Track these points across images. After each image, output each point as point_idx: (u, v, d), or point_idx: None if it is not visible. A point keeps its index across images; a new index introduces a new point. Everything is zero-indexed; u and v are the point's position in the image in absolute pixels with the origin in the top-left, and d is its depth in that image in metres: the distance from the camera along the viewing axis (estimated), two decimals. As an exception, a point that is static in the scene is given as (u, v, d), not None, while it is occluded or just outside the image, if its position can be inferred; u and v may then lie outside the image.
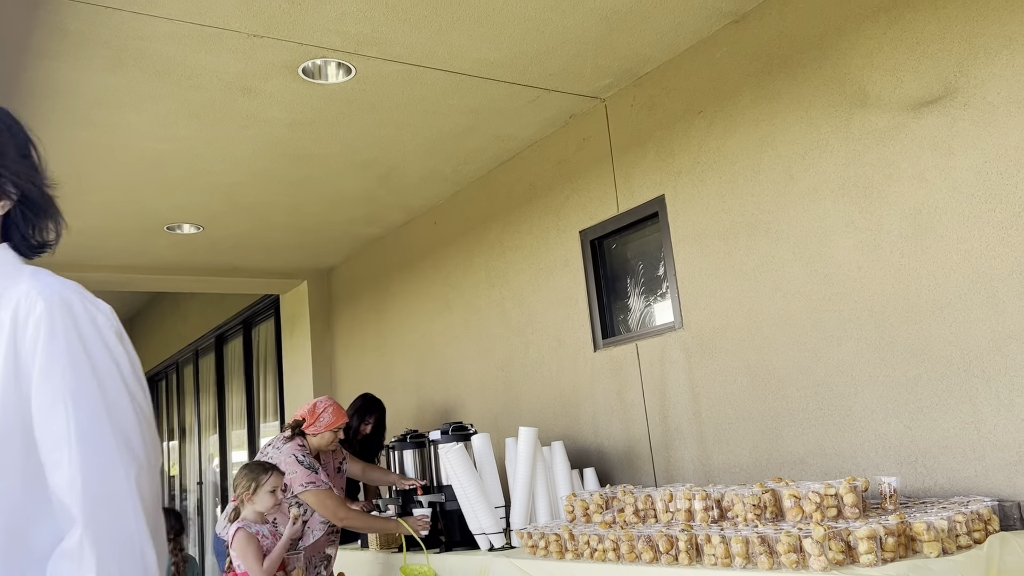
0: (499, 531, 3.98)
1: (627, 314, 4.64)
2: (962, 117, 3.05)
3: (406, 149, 5.07)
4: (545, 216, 5.07)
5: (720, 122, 3.97)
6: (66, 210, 5.34)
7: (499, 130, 4.92)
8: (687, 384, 4.10)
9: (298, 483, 4.04)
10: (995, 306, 2.94)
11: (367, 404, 5.55)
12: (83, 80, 3.88)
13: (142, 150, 4.72)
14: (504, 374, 5.40)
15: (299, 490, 4.04)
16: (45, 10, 3.31)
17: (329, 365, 7.74)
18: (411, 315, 6.47)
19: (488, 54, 3.99)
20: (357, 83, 4.15)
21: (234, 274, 7.62)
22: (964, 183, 3.04)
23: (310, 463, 4.10)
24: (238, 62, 3.84)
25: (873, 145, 3.33)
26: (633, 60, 4.21)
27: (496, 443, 4.94)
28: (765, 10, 3.77)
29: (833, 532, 2.61)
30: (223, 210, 5.89)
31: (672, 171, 4.22)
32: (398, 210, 6.24)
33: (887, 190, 3.27)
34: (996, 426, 2.94)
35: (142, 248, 6.63)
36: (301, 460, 4.08)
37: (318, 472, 4.09)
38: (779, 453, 3.66)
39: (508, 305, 5.37)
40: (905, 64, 3.22)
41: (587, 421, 4.71)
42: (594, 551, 3.31)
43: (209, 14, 3.44)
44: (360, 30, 3.67)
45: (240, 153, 4.90)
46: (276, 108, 4.35)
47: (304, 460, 4.09)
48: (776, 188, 3.70)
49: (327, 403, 4.28)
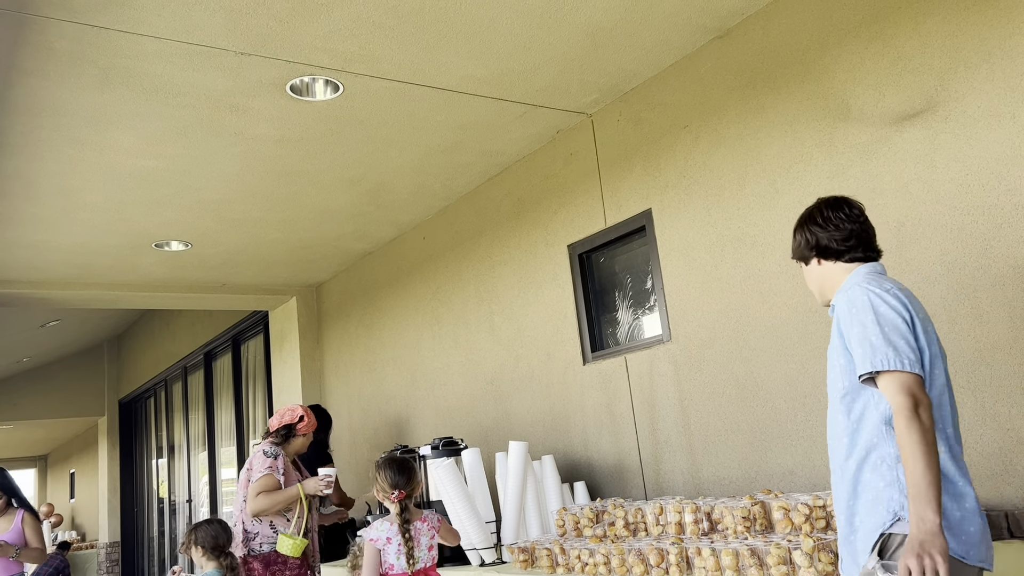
0: (490, 546, 3.97)
1: (616, 327, 4.66)
2: (944, 130, 3.09)
3: (395, 165, 5.08)
4: (533, 230, 5.09)
5: (706, 136, 4.01)
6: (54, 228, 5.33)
7: (487, 145, 4.94)
8: (676, 397, 4.11)
9: (257, 470, 4.37)
10: (979, 316, 2.97)
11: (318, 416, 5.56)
12: (71, 98, 3.89)
13: (130, 168, 4.73)
14: (494, 388, 5.40)
15: (256, 476, 4.34)
16: (32, 29, 3.32)
17: (318, 381, 7.72)
18: (400, 330, 6.47)
19: (475, 70, 4.02)
20: (345, 100, 4.17)
21: (223, 290, 7.60)
22: (946, 195, 3.08)
23: (274, 453, 4.44)
24: (226, 80, 3.86)
25: (856, 158, 3.36)
26: (619, 76, 4.24)
27: (486, 458, 4.94)
28: (749, 26, 3.81)
29: (822, 544, 2.62)
30: (211, 227, 5.89)
31: (659, 185, 4.25)
32: (387, 225, 6.25)
33: (871, 203, 3.31)
34: (982, 436, 2.96)
35: (131, 265, 6.62)
36: (266, 451, 4.45)
37: (277, 459, 4.42)
38: (768, 465, 3.67)
39: (497, 319, 5.38)
40: (887, 78, 3.26)
41: (577, 435, 4.71)
42: (585, 565, 3.31)
43: (197, 32, 3.45)
44: (348, 47, 3.69)
45: (228, 170, 4.90)
46: (264, 125, 4.36)
47: (269, 451, 4.44)
48: (762, 201, 3.73)
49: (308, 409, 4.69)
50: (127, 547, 13.17)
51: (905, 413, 1.96)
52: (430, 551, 3.42)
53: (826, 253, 2.33)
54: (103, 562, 12.97)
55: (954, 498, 2.03)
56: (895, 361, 2.01)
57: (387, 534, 3.33)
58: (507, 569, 3.75)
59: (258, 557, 4.28)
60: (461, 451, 4.40)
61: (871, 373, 2.05)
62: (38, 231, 5.60)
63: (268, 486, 4.33)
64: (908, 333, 2.06)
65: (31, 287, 6.80)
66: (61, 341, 11.83)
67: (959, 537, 2.00)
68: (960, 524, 2.01)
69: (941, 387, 2.11)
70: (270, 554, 4.30)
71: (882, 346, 2.04)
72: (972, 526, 2.01)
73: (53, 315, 10.05)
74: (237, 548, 4.29)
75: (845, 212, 2.32)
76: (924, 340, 2.09)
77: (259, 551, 4.30)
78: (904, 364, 2.01)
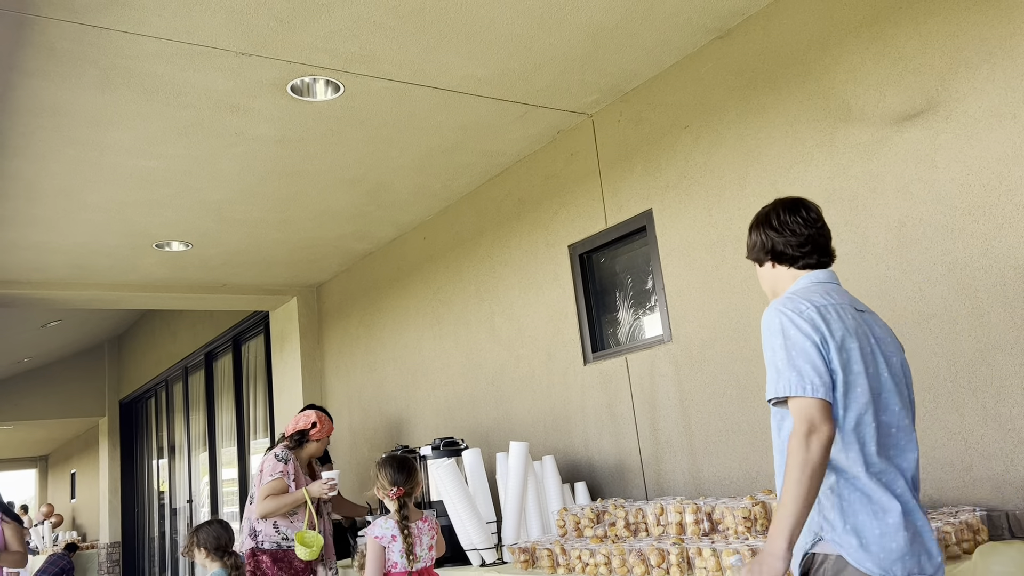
0: (490, 546, 3.97)
1: (616, 328, 4.66)
2: (944, 130, 3.09)
3: (395, 165, 5.08)
4: (534, 231, 5.09)
5: (706, 137, 4.01)
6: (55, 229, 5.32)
7: (487, 146, 4.94)
8: (677, 397, 4.11)
9: (267, 473, 4.50)
10: (980, 317, 2.97)
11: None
12: (71, 99, 3.89)
13: (131, 168, 4.73)
14: (495, 388, 5.40)
15: (266, 479, 4.47)
16: (33, 29, 3.32)
17: (319, 381, 7.72)
18: (401, 330, 6.47)
19: (476, 71, 4.02)
20: (346, 100, 4.17)
21: (223, 291, 7.61)
22: (947, 195, 3.07)
23: (284, 457, 4.55)
24: (227, 80, 3.86)
25: (857, 158, 3.36)
26: (619, 76, 4.24)
27: (487, 458, 4.94)
28: (749, 26, 3.81)
29: (823, 544, 2.61)
30: (212, 227, 5.89)
31: (659, 185, 4.24)
32: (388, 226, 6.25)
33: (872, 203, 3.31)
34: (983, 436, 2.96)
35: (131, 266, 6.62)
36: (278, 455, 4.56)
37: (288, 463, 4.53)
38: (768, 465, 3.67)
39: (498, 320, 5.38)
40: (888, 79, 3.26)
41: (578, 435, 4.71)
42: (586, 565, 3.31)
43: (197, 33, 3.45)
44: (349, 48, 3.69)
45: (229, 170, 4.90)
46: (265, 125, 4.36)
47: (281, 455, 4.56)
48: (762, 201, 3.71)
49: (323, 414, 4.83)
50: (128, 547, 13.17)
51: (794, 440, 1.98)
52: (430, 551, 3.45)
53: (780, 258, 2.30)
54: (104, 562, 12.97)
55: (873, 515, 2.01)
56: (797, 386, 2.01)
57: (392, 532, 3.37)
58: (508, 569, 3.75)
59: (267, 552, 4.45)
60: (462, 451, 4.40)
61: (775, 398, 2.06)
62: (39, 232, 5.60)
63: (276, 489, 4.45)
64: (816, 357, 2.03)
65: (32, 287, 6.80)
66: (62, 341, 11.83)
67: (877, 555, 1.98)
68: (880, 541, 1.99)
69: (863, 406, 2.06)
70: (277, 551, 4.45)
71: (786, 370, 2.03)
72: (894, 542, 1.99)
73: (54, 315, 10.05)
74: (246, 542, 4.49)
75: (802, 216, 2.28)
76: (839, 362, 2.05)
77: (264, 547, 4.46)
78: (806, 389, 2.00)
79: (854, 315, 2.16)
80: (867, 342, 2.13)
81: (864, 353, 2.10)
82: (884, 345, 2.18)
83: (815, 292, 2.19)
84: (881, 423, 2.10)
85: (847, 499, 2.03)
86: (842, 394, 2.05)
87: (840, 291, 2.23)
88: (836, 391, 2.05)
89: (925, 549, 2.03)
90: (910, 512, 2.05)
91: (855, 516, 2.01)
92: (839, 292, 2.22)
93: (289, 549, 4.44)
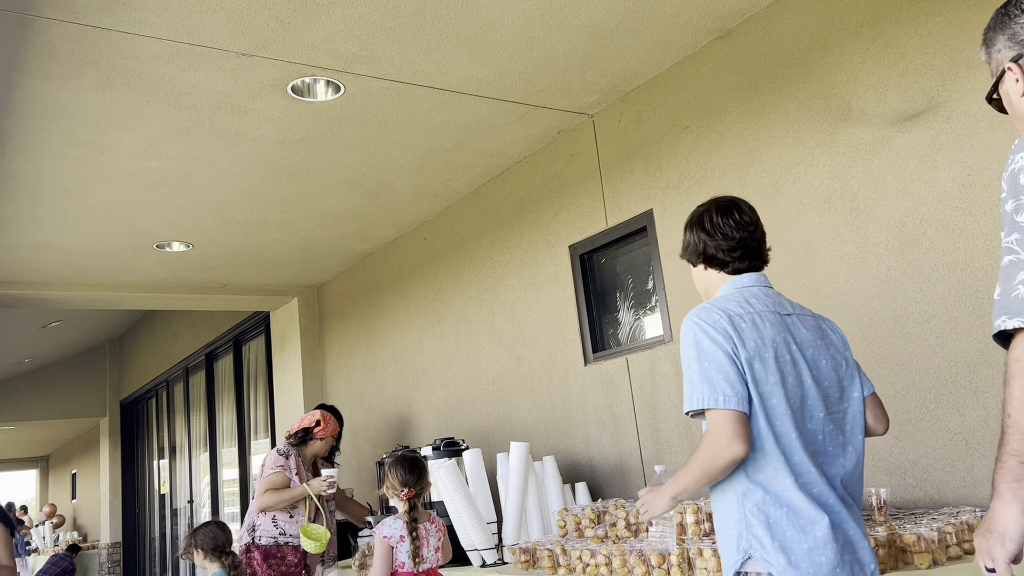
0: (491, 547, 3.97)
1: (617, 328, 4.66)
2: (945, 131, 3.09)
3: (396, 165, 5.08)
4: (535, 231, 5.09)
5: (707, 137, 4.00)
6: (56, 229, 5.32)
7: (488, 146, 4.94)
8: (677, 397, 4.11)
9: (269, 467, 4.55)
10: (981, 317, 2.97)
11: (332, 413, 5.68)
12: (72, 99, 3.89)
13: (131, 169, 4.73)
14: (495, 389, 5.40)
15: (267, 473, 4.52)
16: (34, 30, 3.32)
17: (320, 381, 7.72)
18: (402, 331, 6.47)
19: (476, 71, 4.02)
20: (346, 101, 4.17)
21: (224, 291, 7.61)
22: (948, 195, 3.07)
23: (286, 452, 4.62)
24: (227, 81, 3.86)
25: (858, 159, 3.36)
26: (620, 76, 4.24)
27: (487, 458, 4.94)
28: (750, 26, 3.81)
29: (823, 544, 2.61)
30: (213, 228, 5.89)
31: (660, 186, 4.24)
32: (388, 226, 6.25)
33: (872, 203, 3.31)
34: (984, 436, 2.95)
35: (132, 266, 6.62)
36: (280, 450, 4.64)
37: (289, 459, 4.59)
38: (770, 465, 3.67)
39: (499, 320, 5.38)
40: (888, 79, 3.26)
41: (578, 435, 4.71)
42: (587, 566, 3.31)
43: (198, 33, 3.46)
44: (349, 48, 3.69)
45: (229, 171, 4.91)
46: (265, 126, 4.36)
47: (283, 450, 4.63)
48: (763, 202, 3.73)
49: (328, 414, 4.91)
50: (128, 548, 13.17)
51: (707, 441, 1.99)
52: (436, 552, 3.45)
53: (711, 262, 2.27)
54: (104, 563, 12.97)
55: (800, 530, 1.98)
56: (710, 398, 1.99)
57: (400, 532, 3.38)
58: (508, 570, 3.75)
59: (259, 548, 4.48)
60: (462, 452, 4.41)
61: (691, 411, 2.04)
62: (40, 232, 5.61)
63: (276, 483, 4.49)
64: (729, 367, 2.00)
65: (33, 288, 6.81)
66: (63, 342, 11.84)
67: (807, 571, 1.95)
68: (809, 556, 1.96)
69: (782, 416, 2.02)
70: (271, 547, 4.48)
71: (699, 383, 2.01)
72: (823, 555, 1.96)
73: (55, 316, 10.06)
74: (243, 537, 4.53)
75: (735, 219, 2.24)
76: (751, 374, 2.01)
77: (259, 543, 4.49)
78: (718, 401, 1.98)
79: (774, 321, 2.11)
80: (786, 349, 2.08)
81: (782, 362, 2.06)
82: (809, 349, 2.12)
83: (733, 300, 2.14)
84: (806, 431, 2.05)
85: (773, 516, 1.99)
86: (759, 405, 2.01)
87: (764, 295, 2.18)
88: (752, 403, 2.01)
89: (856, 559, 2.01)
90: (840, 523, 2.01)
91: (782, 533, 1.98)
92: (762, 297, 2.17)
93: (286, 545, 4.48)
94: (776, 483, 2.00)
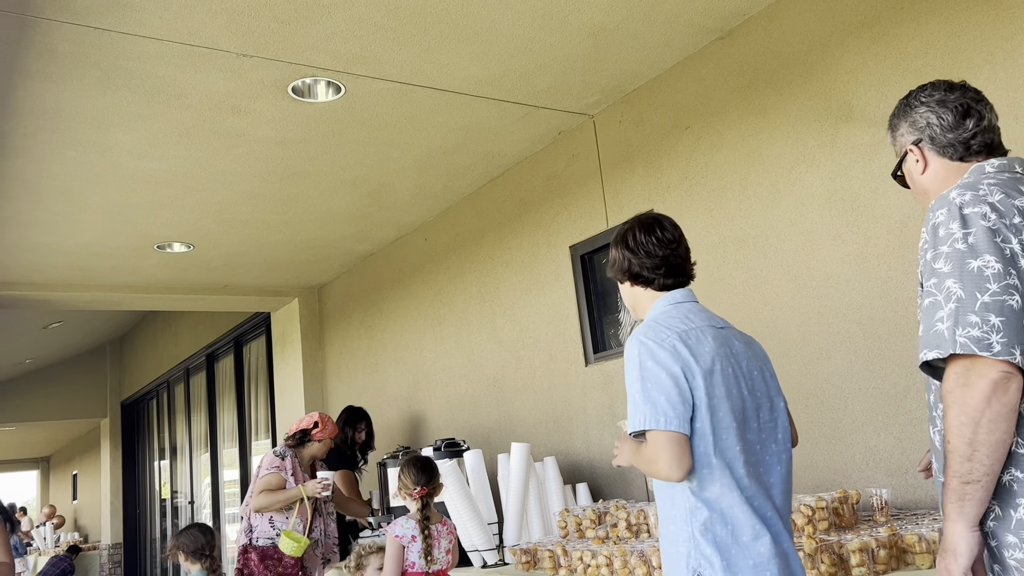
0: (492, 548, 3.97)
1: (618, 328, 4.66)
2: (946, 131, 3.08)
3: (396, 166, 5.08)
4: (535, 231, 5.09)
5: (708, 137, 4.00)
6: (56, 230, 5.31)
7: (488, 147, 4.94)
8: (678, 398, 4.10)
9: (264, 467, 4.57)
10: (982, 318, 2.96)
11: (354, 414, 5.77)
12: (73, 100, 3.89)
13: (132, 169, 4.73)
14: (496, 389, 5.40)
15: (262, 473, 4.53)
16: (35, 31, 3.32)
17: (320, 382, 7.72)
18: (402, 331, 6.47)
19: (477, 72, 4.02)
20: (347, 101, 4.17)
21: (225, 292, 7.61)
22: (949, 196, 3.07)
23: (283, 453, 4.63)
24: (228, 82, 3.86)
25: (859, 159, 3.36)
26: (621, 77, 4.24)
27: (488, 459, 4.93)
28: (751, 27, 3.81)
29: (824, 545, 2.61)
30: (213, 228, 5.89)
31: (661, 186, 4.24)
32: (389, 227, 6.25)
33: (873, 203, 3.30)
34: (985, 437, 2.95)
35: (133, 267, 6.62)
36: (277, 451, 4.65)
37: (285, 459, 4.59)
38: (771, 466, 3.67)
39: (499, 321, 5.38)
40: (889, 79, 3.26)
41: (579, 436, 4.71)
42: (587, 567, 3.31)
43: (198, 34, 3.46)
44: (350, 49, 3.69)
45: (230, 172, 4.91)
46: (266, 127, 4.36)
47: (279, 451, 4.64)
48: (764, 202, 3.73)
49: (326, 416, 4.88)
50: (129, 549, 13.17)
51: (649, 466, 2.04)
52: (447, 554, 3.47)
53: (637, 279, 2.29)
54: (105, 563, 12.97)
55: (746, 547, 2.00)
56: (651, 419, 2.00)
57: (412, 532, 3.39)
58: (509, 571, 3.75)
59: (256, 549, 4.49)
60: (463, 452, 4.40)
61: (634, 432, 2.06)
62: (40, 233, 5.61)
63: (271, 484, 4.50)
64: (671, 388, 2.01)
65: (33, 289, 6.81)
66: (63, 343, 11.84)
67: None
68: (755, 572, 1.98)
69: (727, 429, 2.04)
70: (267, 548, 4.49)
71: (641, 403, 2.03)
72: (767, 571, 1.98)
73: (55, 317, 10.06)
74: (240, 538, 4.54)
75: (657, 237, 2.27)
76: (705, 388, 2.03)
77: (257, 544, 4.50)
78: (659, 422, 1.99)
79: (715, 335, 2.14)
80: (728, 363, 2.11)
81: (726, 375, 2.09)
82: (744, 361, 2.16)
83: (675, 317, 2.17)
84: (747, 442, 2.08)
85: (720, 535, 2.01)
86: (707, 419, 2.03)
87: (699, 311, 2.22)
88: (699, 420, 2.03)
89: (791, 573, 2.04)
90: (778, 536, 2.04)
91: (728, 551, 1.99)
92: (699, 312, 2.21)
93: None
94: (722, 500, 2.02)
